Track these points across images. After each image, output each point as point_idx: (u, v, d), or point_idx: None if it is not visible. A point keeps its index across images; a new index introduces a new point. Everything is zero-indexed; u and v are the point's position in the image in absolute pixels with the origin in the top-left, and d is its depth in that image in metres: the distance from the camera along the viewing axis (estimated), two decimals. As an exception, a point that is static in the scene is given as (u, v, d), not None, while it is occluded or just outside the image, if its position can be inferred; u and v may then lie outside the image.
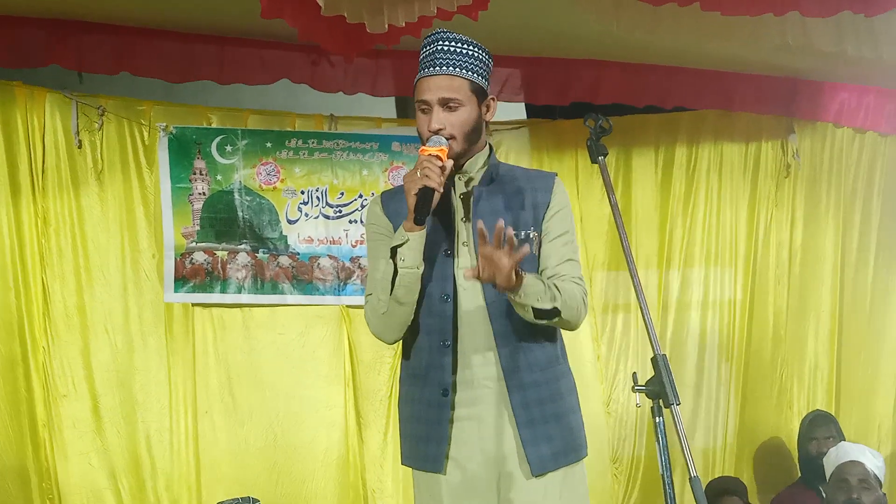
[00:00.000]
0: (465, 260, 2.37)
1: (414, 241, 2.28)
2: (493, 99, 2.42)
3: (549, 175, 2.50)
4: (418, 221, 2.26)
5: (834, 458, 4.03)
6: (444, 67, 2.32)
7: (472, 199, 2.40)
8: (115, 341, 3.95)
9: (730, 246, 4.85)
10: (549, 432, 2.35)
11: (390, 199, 2.48)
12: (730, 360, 4.81)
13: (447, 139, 2.32)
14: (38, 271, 3.83)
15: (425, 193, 2.23)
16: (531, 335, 2.37)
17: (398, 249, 2.30)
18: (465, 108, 2.33)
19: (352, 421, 4.22)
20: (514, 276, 2.16)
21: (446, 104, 2.32)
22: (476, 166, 2.43)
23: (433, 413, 2.38)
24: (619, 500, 4.58)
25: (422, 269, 2.32)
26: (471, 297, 2.37)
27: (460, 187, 2.42)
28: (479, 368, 2.36)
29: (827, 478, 4.03)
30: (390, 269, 2.31)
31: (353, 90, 4.19)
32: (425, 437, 2.41)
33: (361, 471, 4.21)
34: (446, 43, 2.34)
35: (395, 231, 2.37)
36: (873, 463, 3.93)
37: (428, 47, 2.37)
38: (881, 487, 3.92)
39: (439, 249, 2.37)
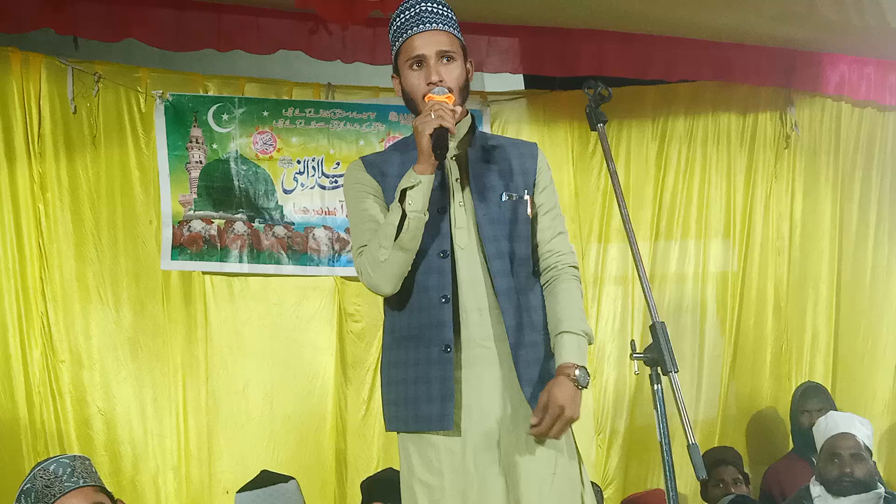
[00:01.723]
0: (461, 219, 2.36)
1: (424, 185, 2.25)
2: (470, 62, 2.42)
3: (531, 143, 2.53)
4: (439, 157, 2.23)
5: (823, 428, 3.93)
6: (436, 24, 2.32)
7: (466, 160, 2.40)
8: (113, 308, 3.95)
9: (728, 218, 4.83)
10: None
11: (373, 162, 2.45)
12: (728, 332, 4.80)
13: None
14: (34, 237, 3.83)
15: (440, 133, 2.21)
16: (530, 296, 2.37)
17: (408, 192, 2.25)
18: (459, 63, 2.34)
19: (342, 391, 4.23)
20: (576, 402, 2.22)
21: (444, 55, 2.32)
22: (462, 131, 2.41)
23: (435, 371, 2.31)
24: (603, 472, 4.60)
25: (427, 217, 2.28)
26: (468, 256, 2.35)
27: (452, 149, 2.39)
28: (476, 328, 2.33)
29: (817, 448, 3.95)
30: (397, 213, 2.26)
31: (351, 59, 4.16)
32: (426, 397, 2.32)
33: (350, 439, 4.22)
34: (429, 4, 2.35)
35: (382, 192, 2.37)
36: (863, 433, 3.86)
37: (410, 10, 2.35)
38: (871, 456, 3.91)
39: (434, 207, 2.33)
